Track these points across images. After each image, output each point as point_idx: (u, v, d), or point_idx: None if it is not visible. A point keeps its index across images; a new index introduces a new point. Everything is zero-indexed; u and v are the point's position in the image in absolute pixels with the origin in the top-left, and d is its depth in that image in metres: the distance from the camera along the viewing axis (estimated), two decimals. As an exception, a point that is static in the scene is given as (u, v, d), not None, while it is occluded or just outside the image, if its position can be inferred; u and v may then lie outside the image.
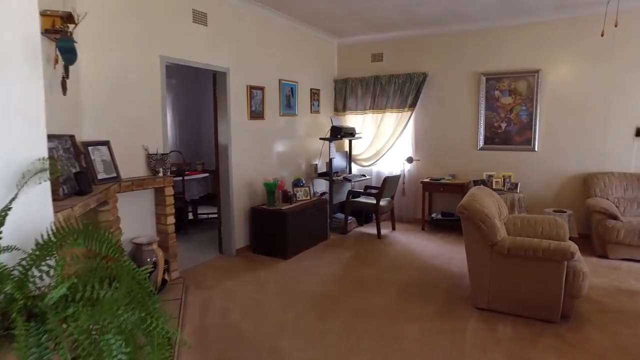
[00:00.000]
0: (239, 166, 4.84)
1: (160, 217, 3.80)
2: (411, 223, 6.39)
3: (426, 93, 6.19)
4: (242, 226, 4.97)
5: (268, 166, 5.36)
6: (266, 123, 5.27)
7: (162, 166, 3.71)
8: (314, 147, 6.36)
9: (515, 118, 5.68)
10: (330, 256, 4.86)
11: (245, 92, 4.90)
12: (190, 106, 8.43)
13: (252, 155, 5.06)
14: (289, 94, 5.68)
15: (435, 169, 6.26)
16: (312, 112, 6.28)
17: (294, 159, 5.91)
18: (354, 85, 6.67)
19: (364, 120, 6.66)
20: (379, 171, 6.74)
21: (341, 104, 6.82)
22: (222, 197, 4.84)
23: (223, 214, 4.87)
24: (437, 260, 4.68)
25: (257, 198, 5.16)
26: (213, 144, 4.89)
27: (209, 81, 4.81)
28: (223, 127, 4.70)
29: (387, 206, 5.78)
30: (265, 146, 5.31)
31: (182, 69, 8.10)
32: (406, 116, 6.25)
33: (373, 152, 6.60)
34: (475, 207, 3.25)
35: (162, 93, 3.87)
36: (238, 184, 4.85)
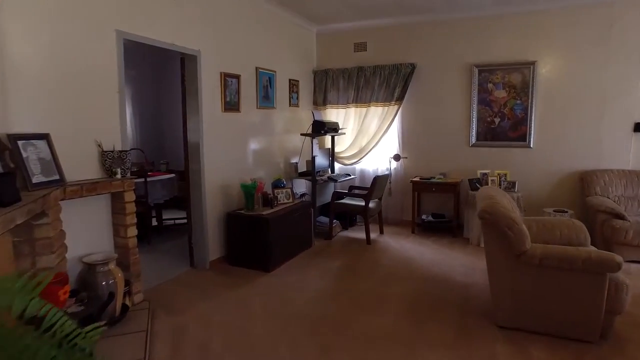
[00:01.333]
0: (212, 166, 4.18)
1: (118, 228, 3.10)
2: (399, 225, 5.93)
3: (415, 86, 5.74)
4: (216, 235, 4.31)
5: (244, 166, 4.73)
6: (242, 116, 4.63)
7: (120, 166, 3.02)
8: (293, 144, 5.77)
9: (510, 112, 5.33)
10: (318, 267, 4.30)
11: (219, 80, 4.24)
12: (151, 100, 7.60)
13: (226, 154, 4.41)
14: (266, 84, 5.06)
15: (425, 167, 5.83)
16: (291, 106, 5.69)
17: (272, 157, 5.30)
18: (335, 76, 6.14)
19: (347, 114, 6.14)
20: (363, 170, 6.24)
21: (321, 96, 6.27)
22: (193, 202, 4.17)
23: (194, 221, 4.20)
24: (438, 268, 4.23)
25: (233, 202, 4.51)
26: (177, 142, 4.25)
27: (172, 73, 4.12)
28: (193, 121, 4.03)
29: (375, 208, 5.29)
30: (242, 143, 4.68)
31: (141, 58, 7.28)
32: (393, 110, 5.79)
33: (356, 149, 6.09)
34: (499, 211, 2.79)
35: (120, 76, 3.17)
36: (211, 186, 4.19)
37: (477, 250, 4.77)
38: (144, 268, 4.20)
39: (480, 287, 3.67)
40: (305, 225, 4.81)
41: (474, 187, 5.14)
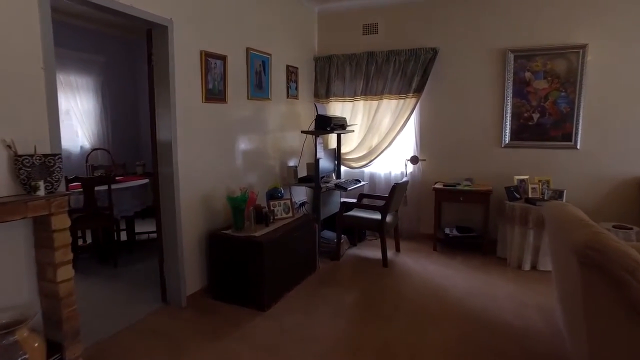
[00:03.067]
0: (189, 171, 3.22)
1: (45, 269, 2.13)
2: (416, 240, 5.02)
3: (436, 75, 4.82)
4: (196, 261, 3.35)
5: (232, 171, 3.76)
6: (229, 108, 3.66)
7: (46, 177, 2.04)
8: (291, 144, 4.82)
9: (552, 107, 4.44)
10: (326, 301, 3.36)
11: (199, 62, 3.27)
12: (127, 92, 6.58)
13: (208, 155, 3.44)
14: (259, 69, 4.10)
15: (447, 171, 4.92)
16: (289, 97, 4.73)
17: (266, 159, 4.34)
18: (341, 64, 5.19)
19: (354, 109, 5.20)
20: (373, 174, 5.31)
21: (324, 87, 5.32)
22: (164, 218, 3.20)
23: (166, 243, 3.23)
24: (478, 302, 3.32)
25: (217, 218, 3.55)
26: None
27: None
28: (164, 113, 3.05)
29: (392, 222, 4.37)
30: (228, 142, 3.71)
31: (113, 42, 6.26)
32: (410, 104, 4.86)
33: (365, 150, 5.16)
34: (612, 246, 1.87)
35: (46, 45, 2.20)
36: (189, 198, 3.23)
37: (519, 276, 3.88)
38: (102, 305, 3.24)
39: (547, 336, 2.77)
40: (308, 245, 3.86)
41: (512, 197, 4.24)
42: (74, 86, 5.72)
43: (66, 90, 5.65)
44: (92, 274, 3.99)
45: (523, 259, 4.05)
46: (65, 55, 5.58)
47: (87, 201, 3.97)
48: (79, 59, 5.75)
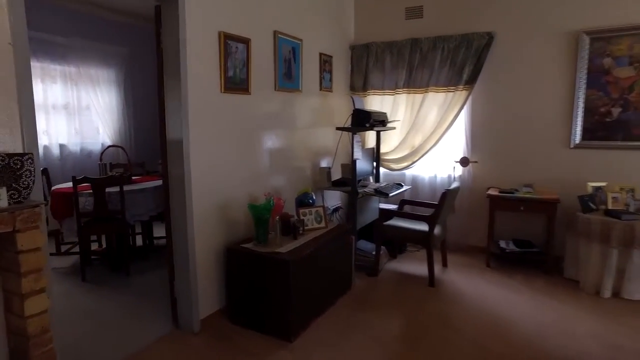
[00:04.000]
0: (204, 174, 2.74)
1: (11, 300, 1.68)
2: (464, 253, 4.37)
3: (492, 63, 4.16)
4: (211, 279, 2.87)
5: (255, 174, 3.26)
6: (253, 100, 3.16)
7: (11, 182, 1.59)
8: (324, 142, 4.28)
9: (638, 99, 3.70)
10: (363, 331, 2.80)
11: (217, 44, 2.78)
12: (150, 84, 6.22)
13: (227, 155, 2.95)
14: (289, 57, 3.58)
15: (502, 175, 4.25)
16: (322, 89, 4.19)
17: (294, 160, 3.82)
18: (380, 52, 4.61)
19: (395, 103, 4.60)
20: (415, 177, 4.70)
21: (361, 79, 4.75)
22: (175, 229, 2.73)
23: (177, 258, 2.77)
24: (554, 342, 2.67)
25: (237, 230, 3.06)
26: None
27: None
28: (174, 105, 2.58)
29: (441, 234, 3.75)
30: (251, 139, 3.21)
31: (137, 33, 5.90)
32: (460, 97, 4.22)
33: (407, 150, 4.56)
34: None
35: (16, 19, 1.75)
36: (203, 205, 2.75)
37: (600, 305, 3.19)
38: (105, 324, 2.81)
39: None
40: (343, 260, 3.32)
41: (587, 208, 3.54)
42: (94, 79, 5.40)
43: (86, 84, 5.34)
44: (102, 284, 3.60)
45: (602, 283, 3.35)
46: (86, 47, 5.26)
47: (97, 204, 3.58)
48: (100, 51, 5.43)
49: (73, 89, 5.25)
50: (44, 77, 4.94)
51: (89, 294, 3.41)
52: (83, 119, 5.40)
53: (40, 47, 4.87)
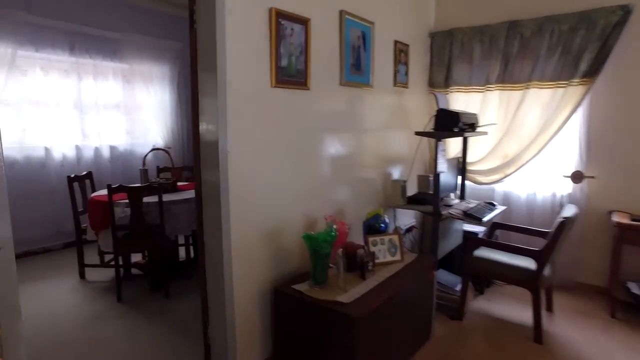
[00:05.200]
0: (247, 188, 2.13)
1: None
2: (575, 294, 3.43)
3: (624, 49, 3.18)
4: (254, 323, 2.26)
5: (312, 188, 2.61)
6: (312, 97, 2.52)
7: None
8: (397, 150, 3.55)
9: None
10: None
11: (267, 25, 2.16)
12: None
13: (278, 165, 2.33)
14: (357, 44, 2.89)
15: (631, 196, 3.26)
16: (397, 85, 3.46)
17: (361, 171, 3.12)
18: (467, 40, 3.78)
19: (485, 103, 3.75)
20: (507, 194, 3.81)
21: (442, 73, 3.95)
22: (209, 256, 2.16)
23: (211, 297, 2.19)
24: None
25: (289, 260, 2.43)
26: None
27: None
28: (209, 101, 2.00)
29: (550, 275, 2.87)
30: (309, 146, 2.56)
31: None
32: (574, 95, 3.30)
33: (499, 160, 3.70)
34: None
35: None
36: (245, 227, 2.14)
37: None
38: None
39: None
40: (422, 302, 2.57)
41: None
42: (146, 76, 5.08)
43: (139, 81, 5.03)
44: (138, 307, 3.15)
45: None
46: (139, 42, 4.94)
47: (133, 216, 3.13)
48: (153, 46, 5.10)
49: (125, 87, 4.96)
50: (96, 75, 4.67)
51: (120, 320, 2.96)
52: (134, 118, 5.10)
53: (93, 44, 4.61)
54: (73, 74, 4.48)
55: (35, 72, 4.25)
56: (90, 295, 3.36)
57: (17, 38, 4.00)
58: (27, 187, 4.21)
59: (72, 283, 3.61)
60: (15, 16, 3.98)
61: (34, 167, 4.27)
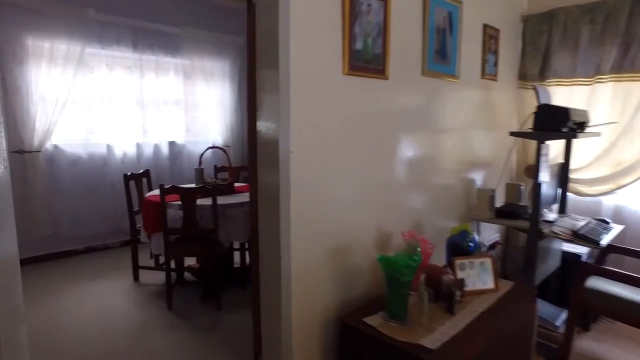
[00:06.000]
0: (310, 195, 1.77)
1: None
2: None
3: None
4: (317, 357, 1.89)
5: (387, 196, 2.19)
6: (390, 88, 2.10)
7: None
8: (483, 153, 3.03)
9: None
10: None
11: (339, 3, 1.78)
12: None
13: (345, 167, 1.94)
14: (442, 26, 2.43)
15: None
16: (485, 77, 2.94)
17: (442, 176, 2.64)
18: (572, 22, 3.15)
19: (592, 98, 3.11)
20: (620, 209, 3.13)
21: (537, 63, 3.34)
22: (263, 276, 1.83)
23: (265, 324, 1.86)
24: None
25: (357, 284, 2.03)
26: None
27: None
28: (269, 93, 1.66)
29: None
30: (383, 145, 2.14)
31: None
32: None
33: (611, 167, 3.04)
34: None
35: None
36: (307, 241, 1.78)
37: None
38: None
39: None
40: (519, 342, 2.06)
41: None
42: (207, 72, 4.93)
43: (199, 77, 4.89)
44: (187, 317, 2.92)
45: None
46: (200, 37, 4.80)
47: (185, 220, 2.90)
48: (214, 41, 4.93)
49: (186, 83, 4.84)
50: (157, 71, 4.59)
51: (169, 331, 2.74)
52: (194, 115, 4.97)
53: (156, 40, 4.52)
54: (136, 71, 4.42)
55: (101, 69, 4.22)
56: (141, 300, 3.19)
57: (85, 36, 3.98)
58: (89, 184, 4.19)
59: (125, 285, 3.48)
60: (84, 14, 3.96)
61: (96, 164, 4.24)
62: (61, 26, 3.85)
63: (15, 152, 3.75)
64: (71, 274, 3.70)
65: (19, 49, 3.68)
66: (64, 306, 3.09)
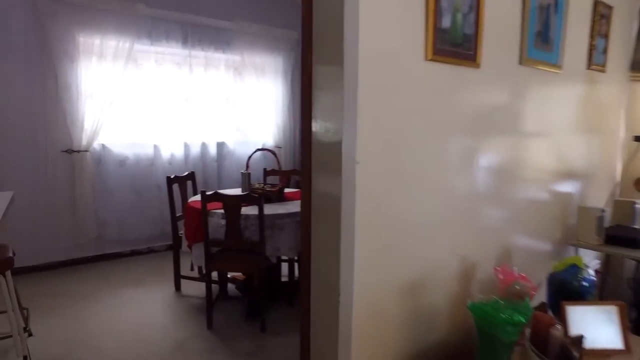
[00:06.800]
0: (377, 213, 1.36)
1: None
2: None
3: None
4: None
5: (468, 217, 1.72)
6: (481, 78, 1.63)
7: None
8: (586, 161, 2.46)
9: None
10: None
11: (425, -38, 1.36)
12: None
13: (421, 181, 1.50)
14: (546, 3, 1.92)
15: None
16: (591, 67, 2.36)
17: (532, 192, 2.12)
18: None
19: None
20: None
21: (655, 52, 2.71)
22: (316, 306, 1.45)
23: (316, 376, 1.47)
24: None
25: (433, 328, 1.59)
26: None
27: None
28: (328, 88, 1.27)
29: None
30: (469, 150, 1.68)
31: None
32: None
33: None
34: None
35: None
36: (372, 270, 1.37)
37: None
38: None
39: None
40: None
41: None
42: (259, 68, 4.65)
43: (250, 74, 4.62)
44: (227, 339, 2.61)
45: None
46: (252, 31, 4.52)
47: (229, 230, 2.59)
48: (266, 36, 4.64)
49: (236, 80, 4.59)
50: (207, 67, 4.37)
51: (206, 354, 2.44)
52: (244, 114, 4.71)
53: (205, 34, 4.30)
54: (185, 67, 4.22)
55: (149, 66, 4.07)
56: (180, 315, 2.94)
57: (135, 31, 3.83)
58: (135, 186, 4.04)
59: (166, 295, 3.25)
60: (135, 9, 3.81)
61: (143, 164, 4.08)
62: (112, 22, 3.72)
63: (64, 151, 3.66)
64: (113, 279, 3.54)
65: (71, 46, 3.58)
66: (101, 315, 2.90)
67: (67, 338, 2.58)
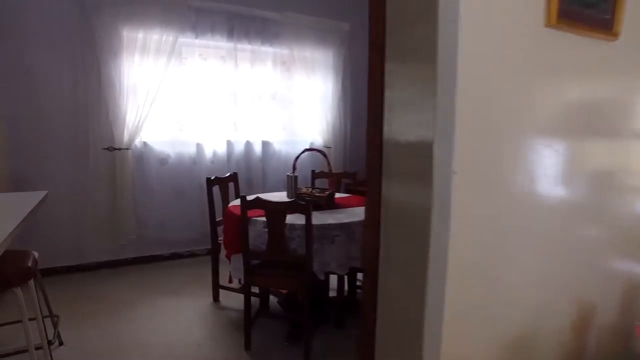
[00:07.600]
0: (476, 249, 0.96)
1: None
2: None
3: None
4: None
5: (586, 248, 1.28)
6: (618, 53, 1.19)
7: None
8: None
9: None
10: None
11: None
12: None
13: (537, 197, 1.08)
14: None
15: None
16: None
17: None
18: None
19: None
20: None
21: None
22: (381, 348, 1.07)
23: None
24: None
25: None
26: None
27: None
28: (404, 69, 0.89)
29: None
30: (594, 159, 1.24)
31: (364, 3, 4.68)
32: None
33: None
34: None
35: None
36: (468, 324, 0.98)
37: None
38: None
39: None
40: None
41: None
42: (308, 63, 4.33)
43: (299, 68, 4.32)
44: (268, 366, 2.30)
45: None
46: (300, 23, 4.21)
47: (271, 242, 2.27)
48: (316, 28, 4.31)
49: (284, 75, 4.30)
50: (253, 61, 4.11)
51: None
52: (292, 111, 4.42)
53: (252, 27, 4.04)
54: (230, 61, 3.98)
55: (194, 60, 3.86)
56: (217, 331, 2.66)
57: (180, 24, 3.64)
58: (176, 185, 3.86)
59: (204, 305, 3.00)
60: (179, 1, 3.62)
61: (185, 163, 3.89)
62: (156, 14, 3.54)
63: (105, 149, 3.53)
64: (151, 285, 3.35)
65: (115, 41, 3.44)
66: (134, 325, 2.69)
67: (95, 350, 2.38)
